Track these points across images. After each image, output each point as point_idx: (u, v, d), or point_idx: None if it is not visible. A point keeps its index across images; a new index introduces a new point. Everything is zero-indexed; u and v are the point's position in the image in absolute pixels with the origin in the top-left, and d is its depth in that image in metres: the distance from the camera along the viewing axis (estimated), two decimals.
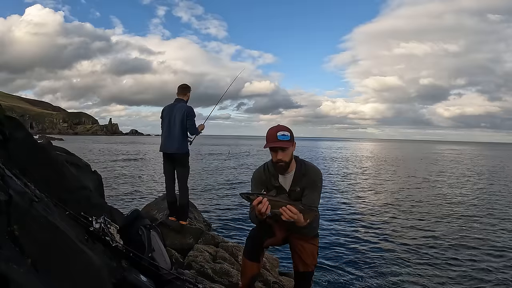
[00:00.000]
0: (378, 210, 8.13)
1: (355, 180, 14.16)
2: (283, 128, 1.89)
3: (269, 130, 1.90)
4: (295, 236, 2.08)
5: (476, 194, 10.76)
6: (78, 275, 1.21)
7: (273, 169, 1.98)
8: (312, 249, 2.08)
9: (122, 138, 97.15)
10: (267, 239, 2.06)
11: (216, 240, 3.67)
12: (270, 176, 2.01)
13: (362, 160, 28.38)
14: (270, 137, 1.87)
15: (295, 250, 2.11)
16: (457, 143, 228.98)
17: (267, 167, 2.03)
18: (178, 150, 3.61)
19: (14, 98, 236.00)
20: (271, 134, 1.86)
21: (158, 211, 4.36)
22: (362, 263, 4.54)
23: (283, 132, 1.85)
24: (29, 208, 1.15)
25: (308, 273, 2.10)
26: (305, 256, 2.06)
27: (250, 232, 2.14)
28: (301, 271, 2.09)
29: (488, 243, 5.53)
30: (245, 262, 2.09)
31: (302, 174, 1.97)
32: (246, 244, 2.11)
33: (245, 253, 2.10)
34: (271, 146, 1.86)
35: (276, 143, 1.84)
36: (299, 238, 2.07)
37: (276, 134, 1.84)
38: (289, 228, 2.05)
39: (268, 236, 2.06)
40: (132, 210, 2.20)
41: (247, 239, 2.12)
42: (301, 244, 2.07)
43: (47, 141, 2.90)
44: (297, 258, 2.09)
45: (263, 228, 2.04)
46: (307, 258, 2.06)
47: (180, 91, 3.76)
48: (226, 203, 8.41)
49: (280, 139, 1.83)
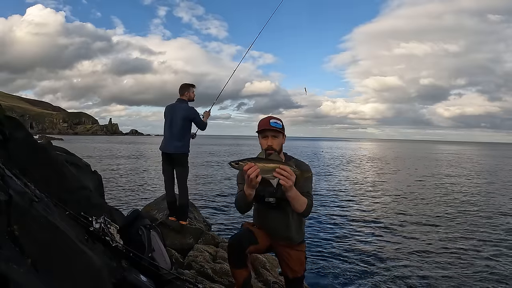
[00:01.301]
0: (378, 209, 8.13)
1: (355, 179, 14.15)
2: (275, 117, 1.91)
3: (262, 119, 1.94)
4: (280, 244, 2.04)
5: (476, 194, 10.76)
6: (78, 275, 1.21)
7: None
8: (299, 255, 2.04)
9: (122, 138, 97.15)
10: (249, 246, 1.96)
11: (216, 240, 3.67)
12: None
13: (362, 160, 28.37)
14: (262, 124, 1.89)
15: (282, 258, 2.06)
16: (457, 143, 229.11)
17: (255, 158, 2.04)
18: (177, 150, 3.61)
19: (14, 98, 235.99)
20: (264, 121, 1.89)
21: (158, 211, 4.36)
22: (361, 263, 4.54)
23: (275, 120, 1.88)
24: (29, 208, 1.15)
25: (297, 279, 2.05)
26: (293, 264, 2.02)
27: (230, 239, 2.01)
28: (290, 277, 2.05)
29: (488, 243, 5.53)
30: (233, 270, 2.01)
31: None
32: (228, 251, 2.00)
33: (229, 261, 2.01)
34: (263, 128, 1.87)
35: (268, 127, 1.86)
36: (285, 245, 2.03)
37: (268, 121, 1.87)
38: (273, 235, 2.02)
39: (250, 243, 1.96)
40: (132, 210, 2.20)
41: (228, 246, 2.00)
42: (287, 252, 2.03)
43: (47, 141, 2.89)
44: (284, 265, 2.05)
45: (245, 235, 1.99)
46: (295, 265, 2.02)
47: (179, 91, 3.76)
48: (226, 203, 8.41)
49: (272, 125, 1.86)
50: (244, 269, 1.99)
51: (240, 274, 1.98)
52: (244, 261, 1.98)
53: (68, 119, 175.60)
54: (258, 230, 2.04)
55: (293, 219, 1.99)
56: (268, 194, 1.92)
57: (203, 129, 3.76)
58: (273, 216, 1.98)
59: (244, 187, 1.71)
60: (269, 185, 1.71)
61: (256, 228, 2.06)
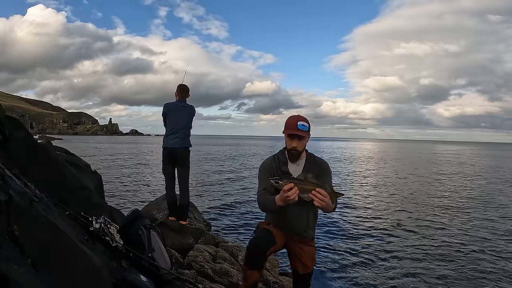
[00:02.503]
0: (378, 209, 8.13)
1: (355, 179, 14.16)
2: (303, 118, 1.95)
3: (289, 118, 1.97)
4: (293, 240, 2.08)
5: (476, 193, 10.76)
6: (78, 275, 1.21)
7: (283, 158, 2.03)
8: (311, 251, 2.10)
9: (122, 138, 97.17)
10: (271, 248, 1.99)
11: (216, 240, 3.67)
12: (280, 163, 2.02)
13: (362, 159, 28.37)
14: (289, 125, 1.94)
15: (294, 254, 2.09)
16: (457, 143, 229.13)
17: (277, 156, 2.07)
18: (182, 145, 3.63)
19: (14, 98, 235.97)
20: (291, 122, 1.93)
21: (158, 211, 4.36)
22: (360, 262, 4.54)
23: (303, 122, 1.93)
24: (29, 208, 1.15)
25: (308, 274, 2.10)
26: (305, 259, 2.06)
27: (252, 241, 2.01)
28: (301, 273, 2.08)
29: (489, 242, 5.53)
30: (246, 271, 2.01)
31: (313, 161, 2.04)
32: (248, 253, 2.00)
33: (247, 263, 2.00)
34: (290, 133, 1.93)
35: (295, 131, 1.91)
36: (298, 241, 2.07)
37: (296, 123, 1.92)
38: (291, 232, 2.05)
39: (270, 245, 1.99)
40: (132, 210, 2.20)
41: (249, 249, 2.00)
42: (300, 247, 2.07)
43: (47, 141, 2.89)
44: (296, 261, 2.08)
45: (266, 237, 1.99)
46: (307, 261, 2.07)
47: (185, 92, 3.76)
48: (226, 203, 8.41)
49: (299, 128, 1.91)
50: (258, 271, 2.02)
51: (252, 275, 2.00)
52: (262, 263, 2.01)
53: (68, 119, 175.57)
54: (275, 229, 2.05)
55: (311, 214, 2.05)
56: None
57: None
58: (294, 213, 2.00)
59: (277, 199, 1.78)
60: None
61: (273, 227, 2.07)
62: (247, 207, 7.99)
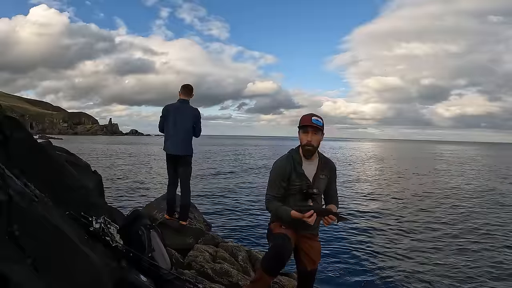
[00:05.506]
0: (378, 209, 8.12)
1: (355, 179, 14.15)
2: (317, 115, 2.03)
3: (304, 115, 2.05)
4: (302, 235, 2.10)
5: (476, 193, 10.75)
6: (78, 275, 1.21)
7: (298, 157, 2.06)
8: (319, 246, 2.16)
9: (122, 138, 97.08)
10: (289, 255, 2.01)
11: (216, 240, 3.66)
12: (295, 163, 2.05)
13: (362, 159, 28.36)
14: (304, 120, 2.02)
15: (303, 250, 2.11)
16: (457, 143, 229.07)
17: (291, 155, 2.09)
18: (183, 152, 3.58)
19: (14, 98, 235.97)
20: (306, 118, 2.02)
21: (158, 211, 4.35)
22: (360, 261, 4.54)
23: (317, 118, 2.01)
24: (29, 208, 1.15)
25: (314, 270, 2.15)
26: (314, 255, 2.11)
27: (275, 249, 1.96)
28: (308, 269, 2.11)
29: (489, 242, 5.53)
30: (264, 276, 1.97)
31: (325, 162, 2.13)
32: (271, 262, 1.94)
33: (268, 270, 1.95)
34: (305, 124, 2.00)
35: (310, 123, 1.99)
36: (307, 237, 2.11)
37: (311, 118, 2.00)
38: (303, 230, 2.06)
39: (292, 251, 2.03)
40: (132, 210, 2.20)
41: (272, 258, 1.95)
42: (309, 244, 2.11)
43: (47, 141, 2.89)
44: (305, 257, 2.11)
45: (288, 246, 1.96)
46: (315, 256, 2.12)
47: (186, 92, 3.66)
48: (226, 203, 8.41)
49: (314, 122, 1.99)
50: (274, 277, 2.08)
51: (269, 280, 2.02)
52: (279, 270, 2.02)
53: (68, 119, 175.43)
54: (288, 231, 2.03)
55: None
56: (305, 187, 2.01)
57: (198, 135, 3.70)
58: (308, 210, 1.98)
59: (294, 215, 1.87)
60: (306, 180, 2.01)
61: (285, 228, 2.05)
62: (247, 207, 7.98)
